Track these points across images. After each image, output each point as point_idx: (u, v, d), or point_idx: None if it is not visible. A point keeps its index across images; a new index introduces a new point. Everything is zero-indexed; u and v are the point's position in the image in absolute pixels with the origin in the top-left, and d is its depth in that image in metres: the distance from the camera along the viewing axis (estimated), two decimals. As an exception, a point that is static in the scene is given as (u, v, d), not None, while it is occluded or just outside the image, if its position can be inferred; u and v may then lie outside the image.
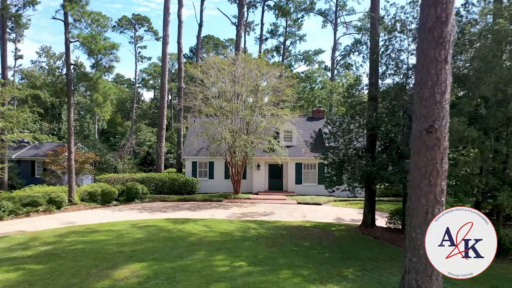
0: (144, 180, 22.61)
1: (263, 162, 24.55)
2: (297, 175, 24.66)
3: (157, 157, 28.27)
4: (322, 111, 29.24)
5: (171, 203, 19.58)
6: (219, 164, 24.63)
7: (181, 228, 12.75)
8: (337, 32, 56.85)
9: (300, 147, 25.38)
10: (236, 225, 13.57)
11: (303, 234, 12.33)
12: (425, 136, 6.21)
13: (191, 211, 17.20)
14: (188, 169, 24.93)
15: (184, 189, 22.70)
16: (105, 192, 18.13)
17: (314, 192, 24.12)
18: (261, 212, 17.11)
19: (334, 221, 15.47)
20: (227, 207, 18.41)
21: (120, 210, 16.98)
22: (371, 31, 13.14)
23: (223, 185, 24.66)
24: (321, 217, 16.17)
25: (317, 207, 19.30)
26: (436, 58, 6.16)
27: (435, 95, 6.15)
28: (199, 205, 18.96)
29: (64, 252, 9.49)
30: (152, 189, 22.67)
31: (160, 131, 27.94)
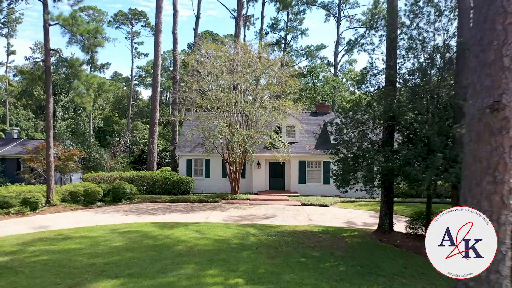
0: (134, 179, 20.98)
1: (263, 160, 22.92)
2: (300, 174, 23.03)
3: (149, 154, 26.52)
4: (326, 105, 27.60)
5: (162, 204, 17.95)
6: (216, 162, 23.00)
7: (169, 234, 11.12)
8: (340, 26, 55.26)
9: (304, 144, 23.76)
10: (233, 230, 11.94)
11: (310, 241, 10.70)
12: (488, 115, 4.62)
13: (184, 213, 15.57)
14: (183, 167, 23.30)
15: (177, 189, 21.07)
16: (88, 192, 16.50)
17: (319, 192, 22.50)
18: (262, 215, 15.49)
19: (345, 225, 13.85)
20: (223, 209, 16.79)
21: (103, 213, 15.35)
22: (389, 4, 11.48)
23: (220, 185, 23.03)
24: (329, 221, 14.55)
25: (324, 209, 17.67)
26: (504, 8, 4.55)
27: (503, 59, 4.56)
28: (193, 207, 17.33)
29: (22, 265, 7.85)
30: (143, 189, 21.04)
31: (153, 126, 26.21)
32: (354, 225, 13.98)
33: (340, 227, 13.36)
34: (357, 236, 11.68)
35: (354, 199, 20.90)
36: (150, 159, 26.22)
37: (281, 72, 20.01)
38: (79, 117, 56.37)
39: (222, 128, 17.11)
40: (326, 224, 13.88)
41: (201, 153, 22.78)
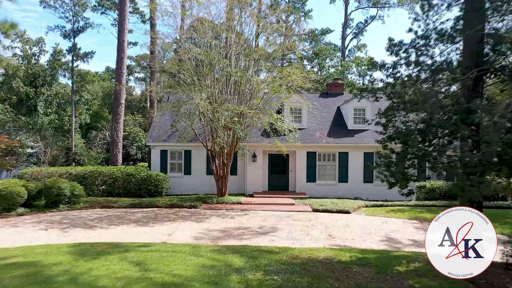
0: (86, 175, 16.02)
1: (260, 151, 18.01)
2: (309, 170, 18.11)
3: (112, 144, 21.28)
4: (340, 84, 22.60)
5: (116, 211, 13.02)
6: (199, 154, 18.07)
7: (82, 271, 6.20)
8: (348, 7, 50.65)
9: (313, 131, 18.84)
10: (204, 260, 7.02)
11: (344, 285, 5.82)
12: None
13: (139, 225, 10.66)
14: (155, 160, 18.36)
15: (145, 188, 16.12)
16: (3, 194, 11.54)
17: (333, 193, 17.61)
18: (257, 228, 10.59)
19: (387, 245, 8.94)
20: (201, 218, 11.87)
21: (14, 225, 10.40)
22: None
23: (204, 184, 18.11)
24: (360, 238, 9.65)
25: (346, 218, 12.76)
26: None
27: None
28: (158, 215, 12.40)
29: None
30: (100, 190, 16.11)
31: (117, 107, 20.95)
32: (402, 245, 9.07)
33: (383, 250, 8.45)
34: (421, 270, 6.75)
35: (381, 202, 16.03)
36: (113, 150, 20.96)
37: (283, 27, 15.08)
38: (64, 112, 51.78)
39: (199, 100, 12.11)
40: (358, 244, 8.98)
41: (180, 143, 17.88)
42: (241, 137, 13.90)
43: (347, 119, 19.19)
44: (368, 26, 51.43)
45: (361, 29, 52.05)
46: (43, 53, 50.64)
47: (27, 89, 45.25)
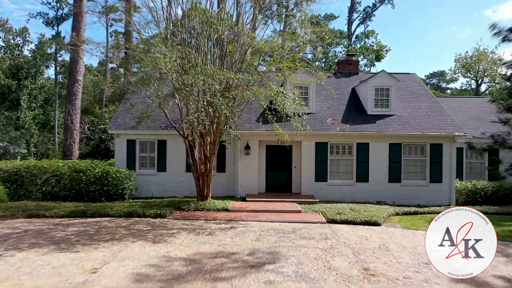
0: (21, 173, 12.12)
1: (255, 141, 14.15)
2: (318, 166, 14.24)
3: (65, 132, 16.94)
4: (354, 61, 18.69)
5: (44, 223, 9.13)
6: (177, 146, 14.22)
7: None
8: (355, -13, 46.89)
9: (323, 116, 15.00)
10: None
11: None
12: None
13: (59, 250, 6.81)
14: (120, 153, 14.48)
15: (100, 189, 12.21)
16: None
17: (349, 196, 13.81)
18: (246, 255, 6.74)
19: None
20: (163, 236, 8.02)
21: None
22: None
23: (183, 184, 14.25)
24: (415, 274, 5.82)
25: (377, 233, 8.90)
26: None
27: None
28: (102, 229, 8.53)
29: None
30: (43, 191, 12.20)
31: (72, 85, 16.80)
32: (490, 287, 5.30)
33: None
34: None
35: (414, 209, 12.28)
36: (66, 141, 16.72)
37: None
38: (51, 107, 48.10)
39: (165, 60, 8.14)
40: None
41: (153, 130, 14.08)
42: (227, 117, 10.01)
43: (366, 102, 15.36)
44: (376, 10, 47.49)
45: (369, 14, 48.21)
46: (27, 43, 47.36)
47: (9, 81, 41.60)
